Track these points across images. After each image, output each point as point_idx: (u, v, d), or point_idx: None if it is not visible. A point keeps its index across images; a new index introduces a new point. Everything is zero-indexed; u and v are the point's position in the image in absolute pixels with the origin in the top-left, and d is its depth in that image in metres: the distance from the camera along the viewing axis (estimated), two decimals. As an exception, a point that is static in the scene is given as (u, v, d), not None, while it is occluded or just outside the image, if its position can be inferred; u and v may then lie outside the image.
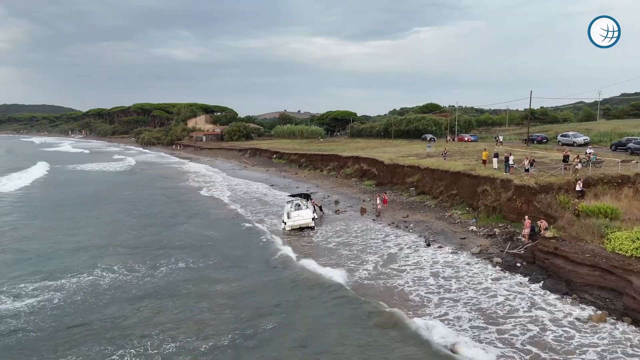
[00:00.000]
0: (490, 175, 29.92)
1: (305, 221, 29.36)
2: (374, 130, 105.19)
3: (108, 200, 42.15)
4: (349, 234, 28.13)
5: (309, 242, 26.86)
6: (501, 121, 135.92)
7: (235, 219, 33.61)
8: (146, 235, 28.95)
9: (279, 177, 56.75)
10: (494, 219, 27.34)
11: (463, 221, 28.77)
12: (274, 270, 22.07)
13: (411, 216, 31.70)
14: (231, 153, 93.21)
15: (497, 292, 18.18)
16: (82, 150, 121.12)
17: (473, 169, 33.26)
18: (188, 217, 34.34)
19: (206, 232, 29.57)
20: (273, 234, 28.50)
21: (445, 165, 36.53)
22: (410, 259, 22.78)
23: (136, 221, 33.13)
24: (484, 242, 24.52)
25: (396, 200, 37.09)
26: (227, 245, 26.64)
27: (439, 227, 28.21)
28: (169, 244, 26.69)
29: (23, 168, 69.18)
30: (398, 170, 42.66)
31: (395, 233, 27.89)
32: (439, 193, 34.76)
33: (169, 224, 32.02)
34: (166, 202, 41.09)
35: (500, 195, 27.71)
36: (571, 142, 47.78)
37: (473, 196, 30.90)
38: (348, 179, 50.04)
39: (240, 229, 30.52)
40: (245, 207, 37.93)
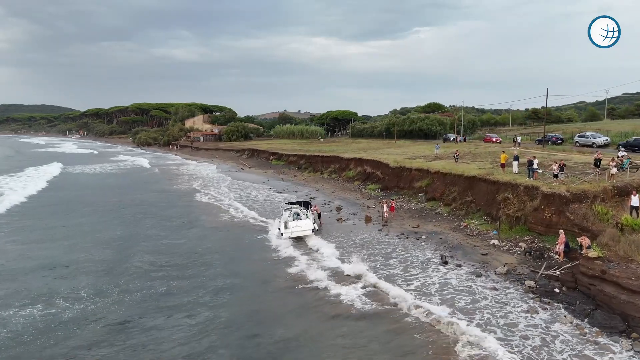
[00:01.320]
0: (511, 181, 26.69)
1: (304, 232, 26.16)
2: (375, 131, 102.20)
3: (88, 207, 38.91)
4: (354, 246, 24.89)
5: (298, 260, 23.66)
6: (504, 121, 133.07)
7: (225, 227, 30.41)
8: (126, 248, 25.69)
9: (277, 179, 53.54)
10: (518, 231, 24.10)
11: (482, 233, 25.52)
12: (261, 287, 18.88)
13: (422, 226, 28.46)
14: (228, 154, 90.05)
15: (536, 330, 14.85)
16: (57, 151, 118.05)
17: (490, 173, 30.03)
18: (174, 229, 31.07)
19: (189, 245, 26.34)
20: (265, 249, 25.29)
21: (458, 169, 33.30)
22: (425, 280, 19.51)
23: (118, 232, 29.89)
24: (510, 259, 21.28)
25: (404, 207, 33.84)
26: (216, 262, 23.41)
27: (455, 239, 24.96)
28: (150, 261, 23.43)
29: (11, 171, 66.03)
30: (405, 173, 39.42)
31: (404, 246, 24.65)
32: (452, 200, 31.52)
33: (152, 236, 28.79)
34: (151, 209, 37.85)
35: (524, 204, 24.47)
36: (590, 142, 44.58)
37: (491, 204, 27.67)
38: (350, 182, 46.82)
39: (230, 239, 27.32)
40: (239, 211, 34.73)
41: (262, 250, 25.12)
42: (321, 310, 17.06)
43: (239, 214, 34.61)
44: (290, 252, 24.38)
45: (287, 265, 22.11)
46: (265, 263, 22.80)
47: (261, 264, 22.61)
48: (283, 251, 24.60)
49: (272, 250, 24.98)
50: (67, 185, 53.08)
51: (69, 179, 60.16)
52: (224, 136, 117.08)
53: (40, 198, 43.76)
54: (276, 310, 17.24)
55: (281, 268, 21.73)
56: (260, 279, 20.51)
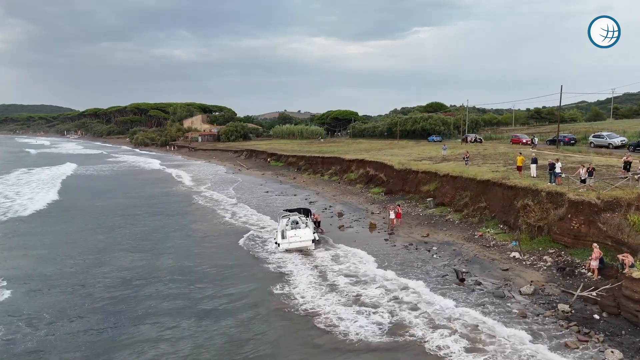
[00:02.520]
0: (531, 186, 24.24)
1: (303, 243, 23.68)
2: (376, 131, 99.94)
3: (68, 212, 36.51)
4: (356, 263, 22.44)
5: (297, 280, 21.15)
6: (506, 121, 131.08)
7: (216, 236, 27.97)
8: (103, 261, 23.25)
9: (275, 182, 51.11)
10: (540, 243, 21.65)
11: (499, 244, 23.06)
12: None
13: (432, 235, 26.01)
14: (226, 155, 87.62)
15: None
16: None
17: (505, 177, 27.58)
18: (160, 239, 28.64)
19: (176, 257, 23.89)
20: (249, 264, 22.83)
21: (470, 172, 30.86)
22: (443, 307, 17.05)
23: (99, 240, 27.47)
24: (535, 276, 18.83)
25: (411, 213, 31.40)
26: (204, 278, 20.97)
27: (470, 251, 22.50)
28: (128, 277, 21.01)
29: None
30: (411, 176, 36.97)
31: (414, 259, 22.19)
32: (464, 206, 29.07)
33: (136, 246, 26.35)
34: (139, 215, 35.42)
35: (547, 213, 22.01)
36: (606, 143, 42.18)
37: (508, 211, 25.22)
38: (352, 185, 44.39)
39: (221, 250, 24.89)
40: (232, 218, 32.29)
41: (255, 263, 22.61)
42: (317, 342, 14.60)
43: (232, 221, 32.14)
44: (287, 266, 21.93)
45: (282, 283, 19.63)
46: (258, 280, 20.28)
47: (254, 281, 20.07)
48: (278, 265, 22.15)
49: (267, 263, 22.50)
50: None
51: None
52: (223, 136, 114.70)
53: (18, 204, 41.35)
54: (266, 340, 14.80)
55: (275, 286, 19.23)
56: (251, 301, 17.93)
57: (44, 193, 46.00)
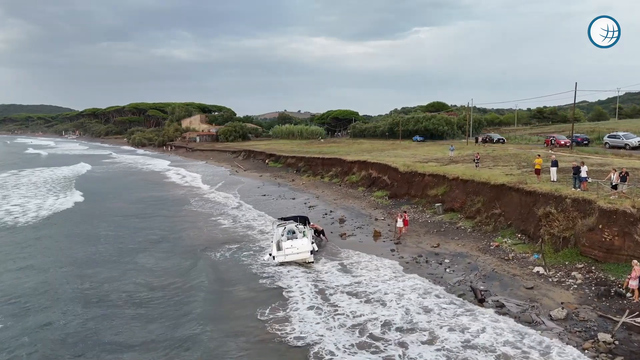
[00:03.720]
0: (552, 192, 21.93)
1: (301, 256, 21.37)
2: (377, 131, 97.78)
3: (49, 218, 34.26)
4: (361, 275, 20.15)
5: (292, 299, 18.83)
6: (508, 121, 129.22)
7: (205, 246, 25.70)
8: (78, 275, 21.02)
9: (273, 184, 48.81)
10: (566, 256, 19.33)
11: (519, 256, 20.75)
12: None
13: (443, 245, 23.70)
14: (224, 155, 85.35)
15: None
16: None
17: (522, 181, 25.29)
18: (139, 250, 26.38)
19: (160, 271, 21.62)
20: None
21: (482, 175, 28.57)
22: (460, 338, 14.76)
23: (77, 251, 25.22)
24: (566, 296, 16.51)
25: (418, 220, 29.10)
26: (186, 297, 18.70)
27: (487, 265, 20.19)
28: (101, 293, 18.76)
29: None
30: (417, 179, 34.66)
31: (425, 275, 19.90)
32: (476, 212, 26.76)
33: (115, 261, 24.10)
34: (125, 221, 33.19)
35: (574, 222, 19.71)
36: (622, 144, 39.89)
37: (527, 219, 22.92)
38: (354, 188, 42.08)
39: (209, 263, 22.62)
40: (224, 226, 30.03)
41: (244, 279, 20.28)
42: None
43: (224, 230, 29.84)
44: (281, 281, 19.62)
45: (273, 304, 17.28)
46: (244, 300, 17.86)
47: (239, 302, 17.64)
48: (271, 281, 19.84)
49: (257, 279, 20.17)
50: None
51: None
52: (221, 136, 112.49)
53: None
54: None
55: (264, 309, 16.88)
56: (233, 328, 15.49)
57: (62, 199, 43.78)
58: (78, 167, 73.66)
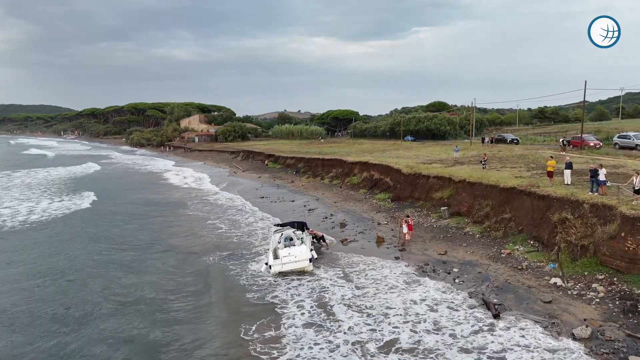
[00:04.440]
0: (568, 196, 20.56)
1: (299, 264, 20.00)
2: (378, 131, 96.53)
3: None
4: (364, 288, 18.79)
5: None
6: (509, 120, 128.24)
7: (195, 254, 24.33)
8: (58, 290, 19.69)
9: (272, 186, 47.43)
10: (585, 266, 17.96)
11: (533, 265, 19.37)
12: None
13: (451, 252, 22.32)
14: (222, 156, 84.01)
15: None
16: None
17: (533, 184, 23.91)
18: (127, 258, 25.03)
19: (143, 282, 20.25)
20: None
21: (490, 178, 27.20)
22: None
23: (59, 259, 23.87)
24: (588, 311, 15.14)
25: (423, 224, 27.72)
26: (169, 313, 17.34)
27: (499, 275, 18.80)
28: (76, 312, 17.40)
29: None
30: (421, 181, 33.28)
31: (432, 289, 18.52)
32: (484, 216, 25.40)
33: (97, 273, 22.76)
34: (112, 227, 31.84)
35: (593, 229, 18.35)
36: (633, 144, 38.57)
37: (540, 225, 21.56)
38: (355, 190, 40.70)
39: (198, 273, 21.26)
40: (218, 231, 28.66)
41: (236, 289, 18.92)
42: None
43: (217, 235, 28.46)
44: (274, 293, 18.25)
45: (263, 320, 15.86)
46: (227, 318, 16.36)
47: (219, 324, 16.05)
48: (263, 292, 18.48)
49: (252, 291, 18.79)
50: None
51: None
52: (220, 136, 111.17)
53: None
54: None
55: (251, 326, 15.47)
56: (213, 350, 14.10)
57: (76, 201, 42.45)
58: (84, 167, 73.16)
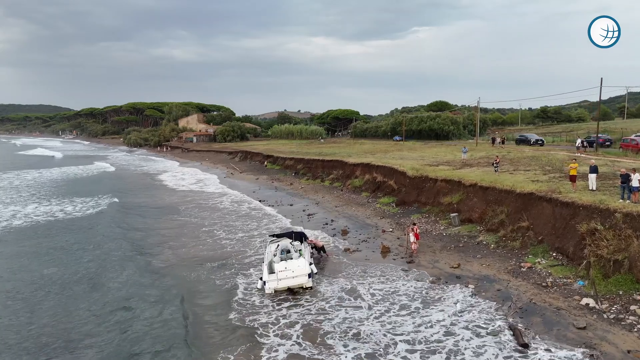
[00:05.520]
0: (596, 204, 18.50)
1: (297, 280, 17.90)
2: (379, 130, 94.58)
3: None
4: (368, 310, 16.74)
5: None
6: (511, 120, 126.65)
7: (183, 266, 22.30)
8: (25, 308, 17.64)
9: (270, 188, 45.39)
10: (620, 284, 15.88)
11: (559, 282, 17.29)
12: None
13: (464, 265, 20.24)
14: (220, 156, 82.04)
15: None
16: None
17: (554, 189, 21.86)
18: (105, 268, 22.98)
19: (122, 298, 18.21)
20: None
21: (504, 182, 25.14)
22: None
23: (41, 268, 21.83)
24: (630, 340, 13.07)
25: (431, 232, 25.67)
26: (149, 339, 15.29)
27: (522, 293, 16.72)
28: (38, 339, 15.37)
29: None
30: (427, 185, 31.24)
31: (447, 309, 16.47)
32: (499, 224, 23.33)
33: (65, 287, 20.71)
34: (97, 234, 29.83)
35: (627, 242, 16.28)
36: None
37: (563, 235, 19.50)
38: (357, 193, 38.66)
39: (185, 290, 19.22)
40: (210, 240, 26.61)
41: (222, 311, 16.87)
42: None
43: (206, 243, 26.41)
44: (257, 318, 16.20)
45: (244, 348, 13.87)
46: (214, 347, 14.44)
47: (207, 352, 14.12)
48: (245, 313, 16.44)
49: (237, 311, 16.76)
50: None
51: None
52: (219, 136, 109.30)
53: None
54: None
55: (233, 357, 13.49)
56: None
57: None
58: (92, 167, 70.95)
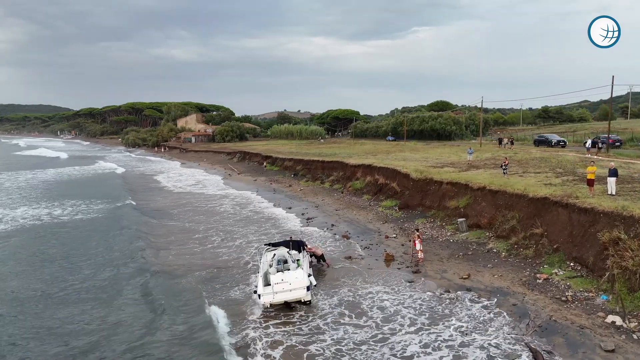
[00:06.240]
0: (619, 211, 17.09)
1: (295, 294, 16.45)
2: (380, 131, 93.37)
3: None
4: (368, 326, 15.35)
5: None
6: (512, 120, 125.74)
7: (174, 275, 20.91)
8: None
9: (268, 190, 44.00)
10: (648, 299, 14.54)
11: (580, 295, 15.89)
12: None
13: (474, 275, 18.84)
14: (218, 157, 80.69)
15: None
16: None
17: (570, 194, 20.45)
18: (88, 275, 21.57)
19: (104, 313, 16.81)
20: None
21: (515, 186, 23.73)
22: None
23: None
24: (667, 367, 11.73)
25: (437, 238, 24.27)
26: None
27: (540, 309, 15.29)
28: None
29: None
30: (432, 188, 29.85)
31: (460, 324, 15.07)
32: (510, 231, 21.92)
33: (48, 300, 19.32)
34: (82, 240, 28.43)
35: (656, 253, 14.92)
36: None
37: (581, 244, 18.09)
38: (358, 196, 37.27)
39: (175, 303, 17.83)
40: (200, 249, 25.21)
41: (207, 330, 15.49)
42: None
43: (196, 251, 25.04)
44: (243, 336, 14.79)
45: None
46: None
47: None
48: (242, 333, 15.04)
49: (225, 330, 15.39)
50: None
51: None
52: (218, 137, 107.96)
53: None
54: None
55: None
56: None
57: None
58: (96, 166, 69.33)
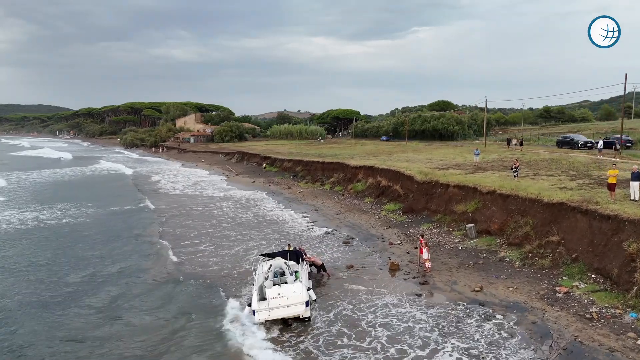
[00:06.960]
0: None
1: (292, 310, 15.02)
2: (380, 131, 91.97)
3: None
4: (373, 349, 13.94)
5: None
6: (513, 120, 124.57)
7: (166, 285, 19.51)
8: None
9: (267, 193, 42.58)
10: (683, 318, 13.14)
11: (605, 312, 14.48)
12: None
13: (487, 288, 17.42)
14: (216, 157, 79.23)
15: None
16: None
17: (589, 199, 19.04)
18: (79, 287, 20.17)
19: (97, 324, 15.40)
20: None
21: (528, 190, 22.30)
22: None
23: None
24: None
25: (445, 245, 22.84)
26: None
27: (563, 327, 13.90)
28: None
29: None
30: (438, 191, 28.44)
31: (475, 343, 13.67)
32: (523, 238, 20.51)
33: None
34: (69, 246, 27.04)
35: (692, 266, 13.52)
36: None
37: (604, 254, 16.68)
38: (360, 198, 35.86)
39: (168, 316, 16.43)
40: (191, 261, 23.82)
41: (190, 353, 14.11)
42: None
43: (188, 260, 23.68)
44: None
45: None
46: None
47: None
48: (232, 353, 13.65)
49: (213, 350, 14.01)
50: None
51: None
52: (216, 137, 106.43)
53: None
54: None
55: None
56: None
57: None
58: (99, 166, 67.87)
